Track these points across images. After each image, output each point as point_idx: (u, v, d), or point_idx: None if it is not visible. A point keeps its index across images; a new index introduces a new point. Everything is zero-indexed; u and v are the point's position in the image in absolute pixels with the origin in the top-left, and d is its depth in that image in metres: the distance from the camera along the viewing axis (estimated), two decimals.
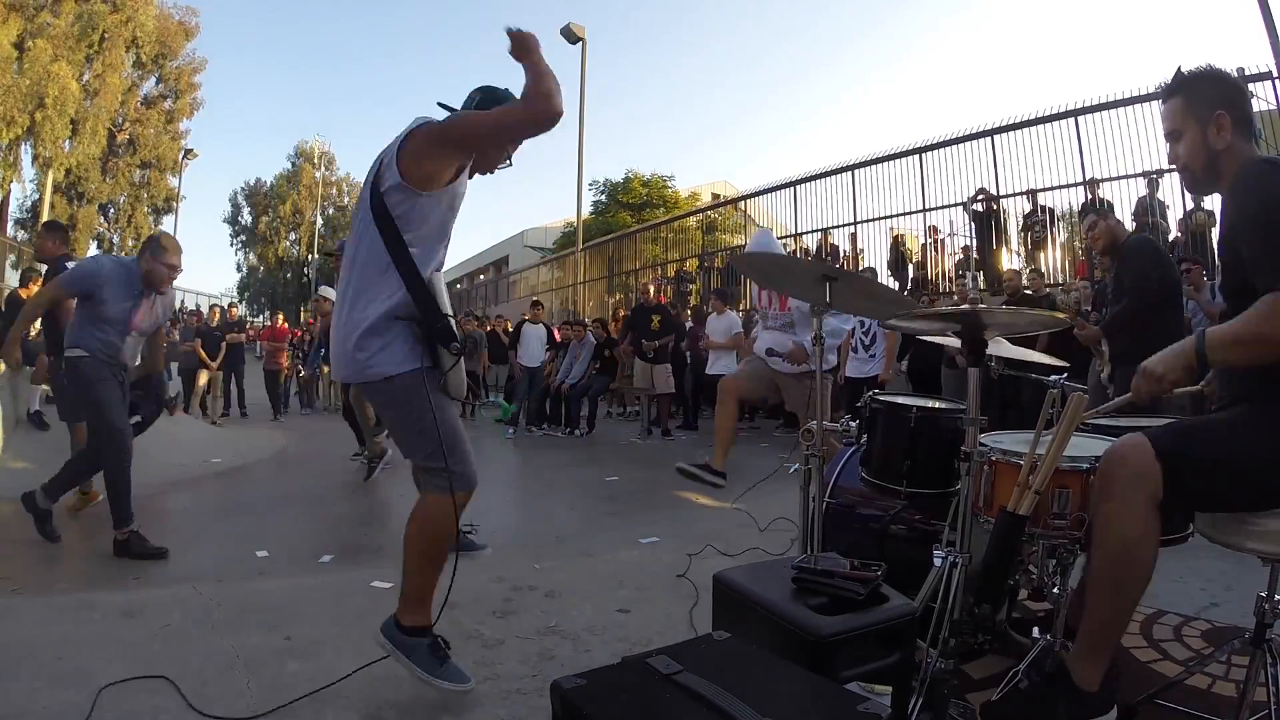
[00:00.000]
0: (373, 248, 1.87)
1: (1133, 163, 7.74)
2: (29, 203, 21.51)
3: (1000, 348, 2.09)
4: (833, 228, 10.92)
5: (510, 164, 2.23)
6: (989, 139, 8.97)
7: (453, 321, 1.94)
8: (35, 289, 6.59)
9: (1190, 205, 7.09)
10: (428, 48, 62.10)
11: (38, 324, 6.69)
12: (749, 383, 3.77)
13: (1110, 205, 7.94)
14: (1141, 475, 1.40)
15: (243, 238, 38.09)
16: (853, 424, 2.39)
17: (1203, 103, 1.53)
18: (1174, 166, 1.63)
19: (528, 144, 2.18)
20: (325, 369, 10.86)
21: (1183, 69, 1.57)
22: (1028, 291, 6.69)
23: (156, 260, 3.34)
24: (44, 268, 5.29)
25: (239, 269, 38.47)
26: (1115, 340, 3.55)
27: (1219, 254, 1.60)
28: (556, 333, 9.91)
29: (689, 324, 9.16)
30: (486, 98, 2.05)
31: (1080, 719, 1.46)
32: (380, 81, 62.75)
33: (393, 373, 1.87)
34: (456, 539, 2.00)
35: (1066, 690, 1.47)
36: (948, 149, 9.44)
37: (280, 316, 13.11)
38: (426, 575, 1.98)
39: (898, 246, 10.00)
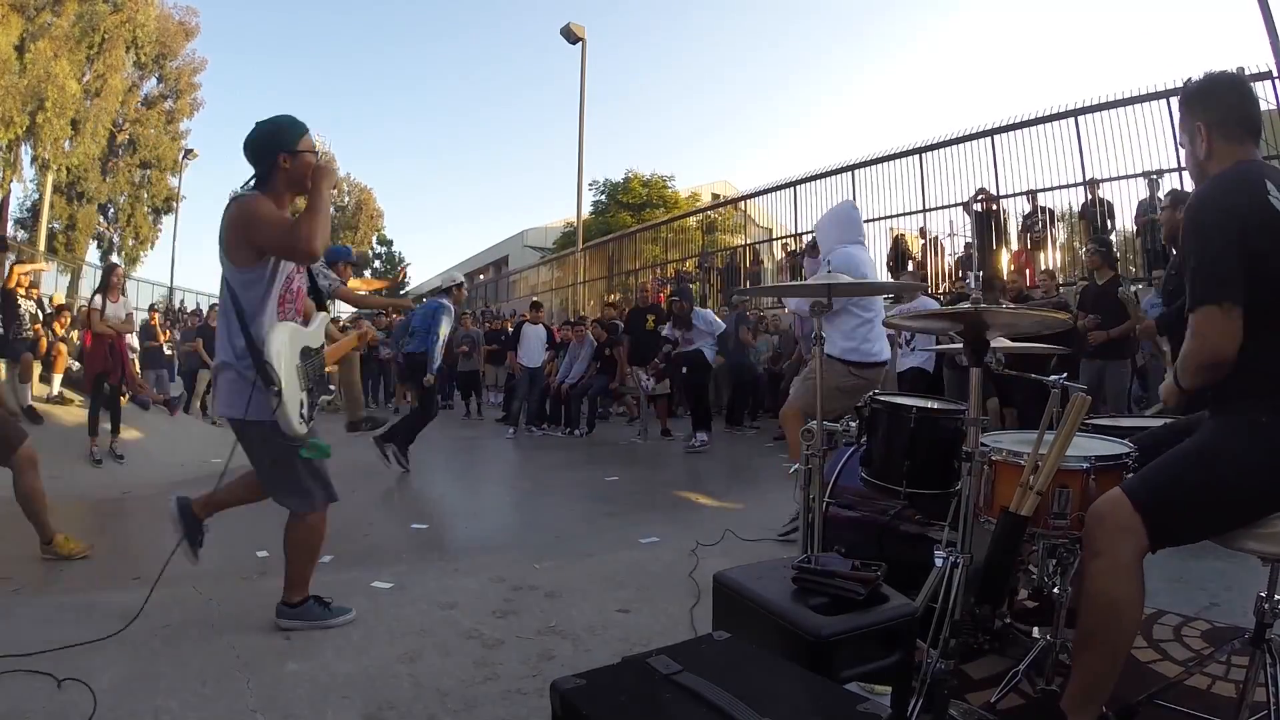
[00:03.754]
0: None
1: (1133, 163, 7.74)
2: (29, 203, 21.51)
3: (1001, 345, 2.09)
4: None
5: None
6: (989, 139, 8.97)
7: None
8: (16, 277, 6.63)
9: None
10: (428, 47, 62.07)
11: (33, 321, 6.72)
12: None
13: (1110, 205, 7.95)
14: (1126, 531, 1.41)
15: None
16: (853, 424, 2.39)
17: (1189, 115, 1.59)
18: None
19: (527, 144, 2.25)
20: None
21: (1190, 79, 1.62)
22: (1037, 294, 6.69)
23: None
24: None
25: None
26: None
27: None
28: (556, 333, 9.91)
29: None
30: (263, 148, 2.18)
31: None
32: (380, 81, 62.71)
33: None
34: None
35: None
36: (948, 149, 9.44)
37: None
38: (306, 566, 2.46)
39: (898, 246, 9.99)
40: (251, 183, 2.19)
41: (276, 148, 2.14)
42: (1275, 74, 6.50)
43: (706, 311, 7.69)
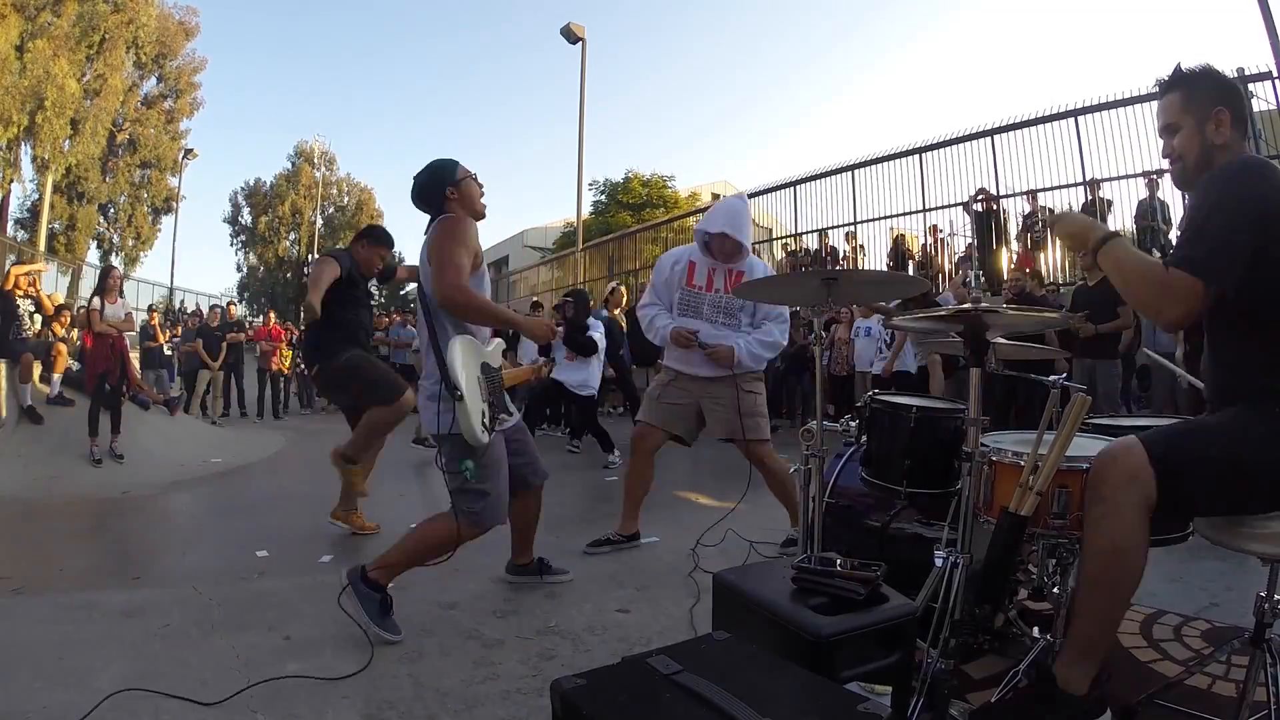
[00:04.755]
0: None
1: (1133, 163, 7.76)
2: (29, 203, 21.51)
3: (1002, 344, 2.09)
4: (832, 228, 10.92)
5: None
6: (989, 139, 8.98)
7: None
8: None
9: (1192, 198, 7.08)
10: (428, 47, 62.06)
11: (31, 322, 6.72)
12: (670, 425, 3.23)
13: (1110, 205, 7.95)
14: (1134, 479, 1.39)
15: (242, 238, 38.04)
16: (853, 424, 2.39)
17: (1203, 98, 1.53)
18: (1166, 159, 1.62)
19: (526, 142, 2.32)
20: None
21: (1182, 65, 1.57)
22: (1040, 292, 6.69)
23: None
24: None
25: (239, 269, 38.43)
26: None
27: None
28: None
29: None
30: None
31: None
32: (380, 81, 62.71)
33: None
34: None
35: (1053, 695, 1.47)
36: (948, 149, 9.45)
37: (272, 316, 13.05)
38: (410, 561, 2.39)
39: (898, 246, 10.00)
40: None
41: (442, 185, 2.42)
42: (1275, 74, 6.50)
43: (597, 323, 6.40)
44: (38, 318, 6.87)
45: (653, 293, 3.34)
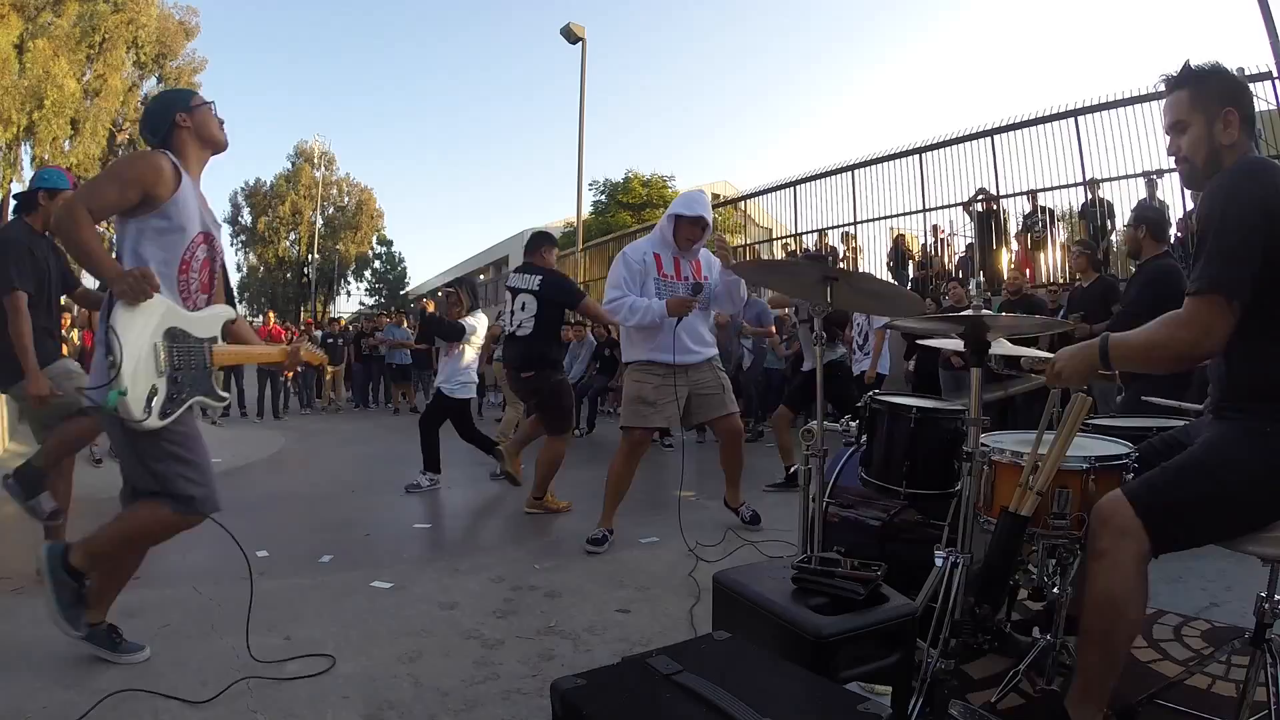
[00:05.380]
0: None
1: (1133, 163, 7.74)
2: None
3: (1001, 346, 2.09)
4: (832, 228, 10.92)
5: None
6: (989, 139, 8.96)
7: None
8: None
9: (1190, 206, 7.09)
10: (428, 47, 62.09)
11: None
12: (670, 423, 3.41)
13: (1110, 205, 7.95)
14: (1126, 534, 1.40)
15: (242, 238, 38.09)
16: (853, 424, 2.39)
17: (1212, 97, 1.51)
18: (1172, 158, 1.61)
19: (526, 142, 2.25)
20: None
21: (1191, 62, 1.56)
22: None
23: None
24: None
25: (239, 269, 38.49)
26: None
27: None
28: None
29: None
30: None
31: None
32: (380, 81, 62.72)
33: None
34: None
35: None
36: (948, 149, 9.43)
37: (271, 316, 13.05)
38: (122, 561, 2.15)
39: (899, 246, 10.00)
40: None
41: (170, 110, 2.07)
42: (1275, 74, 6.50)
43: (471, 318, 5.30)
44: None
45: (622, 285, 3.36)
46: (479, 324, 5.23)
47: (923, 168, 9.70)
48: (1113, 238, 7.92)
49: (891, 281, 8.61)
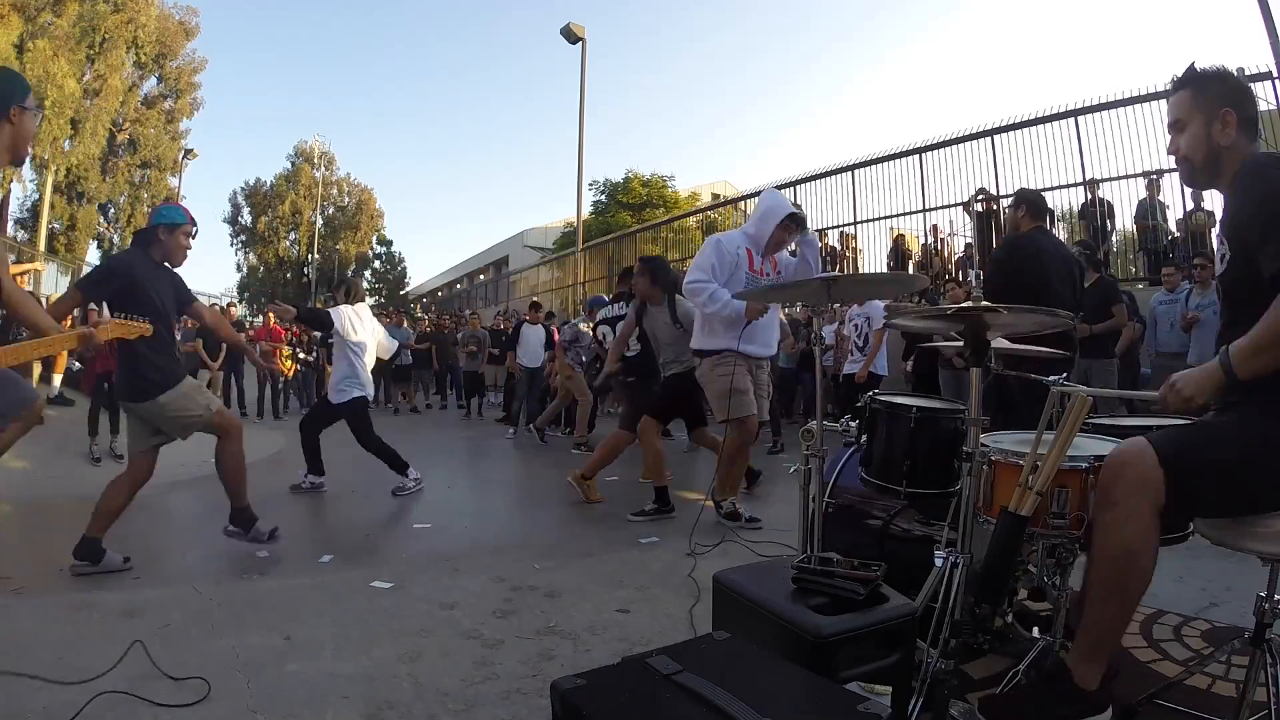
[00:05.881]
0: None
1: (1133, 163, 7.73)
2: (29, 203, 21.51)
3: (1000, 345, 2.09)
4: (832, 227, 10.92)
5: None
6: (989, 139, 8.96)
7: None
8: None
9: (1190, 205, 7.09)
10: (428, 47, 62.08)
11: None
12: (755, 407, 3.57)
13: (1110, 205, 7.95)
14: (1145, 482, 1.39)
15: (243, 238, 38.09)
16: (853, 424, 2.39)
17: (1212, 98, 1.53)
18: (1173, 156, 1.63)
19: (526, 142, 2.23)
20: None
21: (1196, 64, 1.57)
22: None
23: None
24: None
25: (239, 269, 38.49)
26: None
27: (1218, 247, 1.61)
28: (556, 333, 9.90)
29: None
30: None
31: (1078, 716, 1.46)
32: (380, 81, 62.70)
33: None
34: None
35: (1066, 688, 1.48)
36: (948, 149, 9.43)
37: (271, 317, 13.04)
38: None
39: (898, 246, 10.00)
40: None
41: (10, 100, 1.98)
42: (1275, 74, 6.50)
43: (340, 310, 4.88)
44: None
45: (710, 270, 3.43)
46: (351, 318, 4.84)
47: (923, 168, 9.70)
48: (1113, 239, 7.92)
49: (881, 271, 8.63)
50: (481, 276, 31.53)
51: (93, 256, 22.11)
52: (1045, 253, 3.40)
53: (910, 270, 9.98)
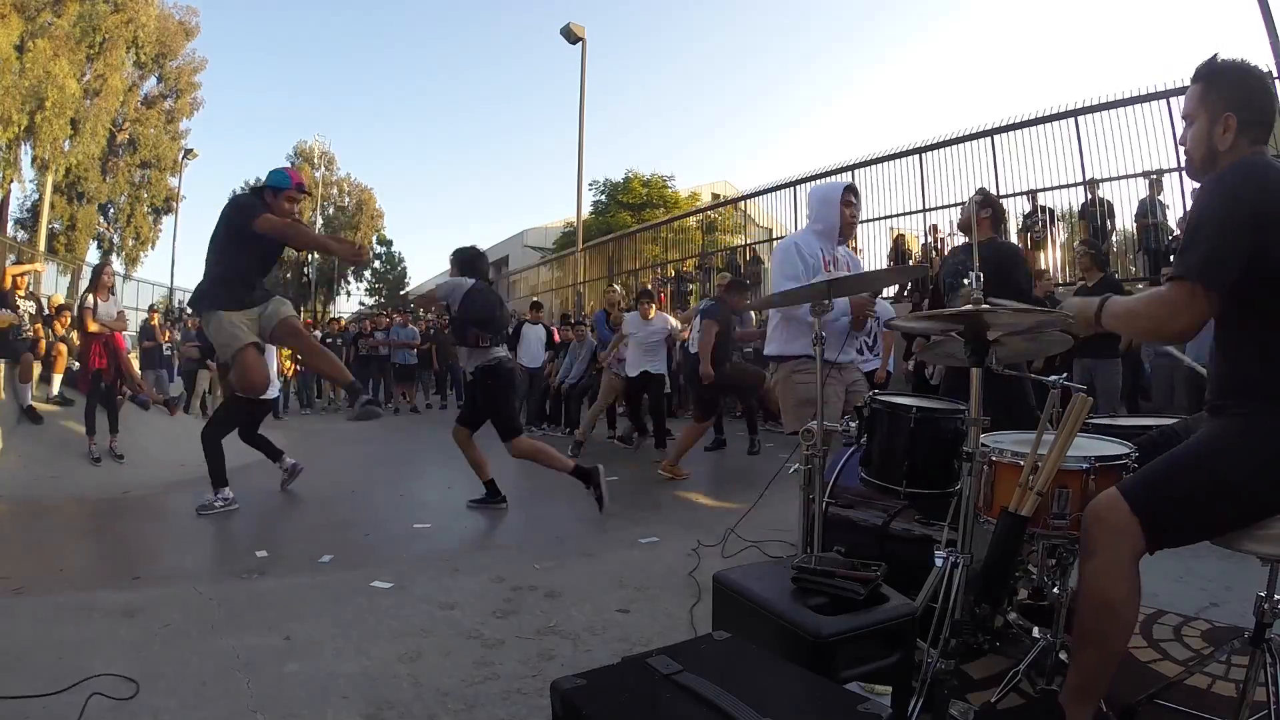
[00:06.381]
0: None
1: (1133, 163, 7.74)
2: (29, 203, 21.50)
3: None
4: None
5: None
6: (989, 139, 8.97)
7: None
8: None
9: (1190, 205, 7.09)
10: (428, 47, 61.99)
11: (33, 321, 6.72)
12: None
13: (1110, 205, 7.95)
14: (1121, 533, 1.40)
15: None
16: (853, 424, 2.39)
17: (1217, 99, 1.53)
18: (1181, 146, 1.64)
19: (526, 142, 2.26)
20: None
21: (1218, 56, 1.56)
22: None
23: None
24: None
25: None
26: None
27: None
28: (556, 333, 9.90)
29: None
30: None
31: None
32: (380, 81, 62.61)
33: None
34: None
35: None
36: (948, 149, 9.43)
37: None
38: None
39: (899, 246, 10.00)
40: None
41: None
42: (1275, 74, 6.51)
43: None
44: (38, 315, 6.87)
45: (800, 279, 3.22)
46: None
47: (923, 168, 9.71)
48: (1113, 239, 7.92)
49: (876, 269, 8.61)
50: None
51: (93, 256, 22.10)
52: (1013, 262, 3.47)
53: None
